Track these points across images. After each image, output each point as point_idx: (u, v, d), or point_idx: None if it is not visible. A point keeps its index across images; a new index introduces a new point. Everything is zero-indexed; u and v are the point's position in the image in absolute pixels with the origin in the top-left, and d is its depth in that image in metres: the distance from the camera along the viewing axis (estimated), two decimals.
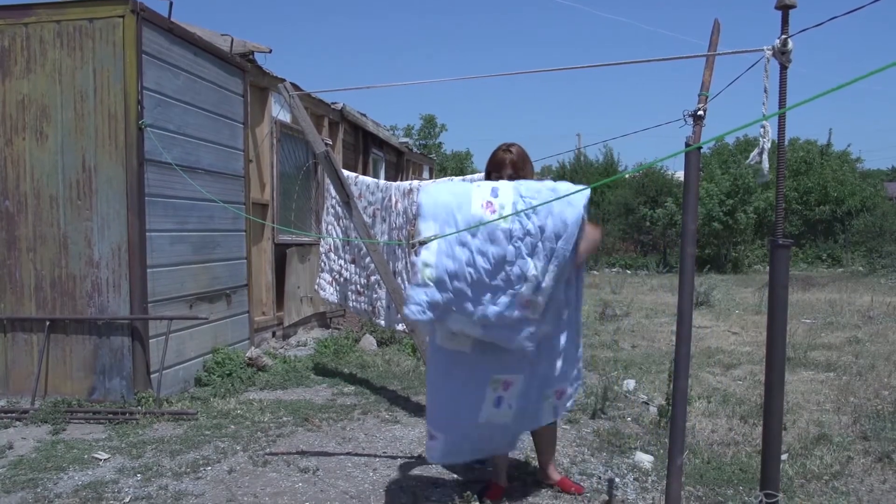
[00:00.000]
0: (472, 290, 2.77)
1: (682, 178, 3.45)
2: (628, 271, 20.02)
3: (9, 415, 4.73)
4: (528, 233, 2.78)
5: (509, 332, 2.85)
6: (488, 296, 2.78)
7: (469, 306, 2.78)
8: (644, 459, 3.84)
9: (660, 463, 3.77)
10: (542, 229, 2.79)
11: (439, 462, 3.39)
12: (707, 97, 2.65)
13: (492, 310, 2.78)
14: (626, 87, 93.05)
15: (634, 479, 3.61)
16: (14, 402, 5.03)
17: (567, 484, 3.43)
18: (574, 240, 2.84)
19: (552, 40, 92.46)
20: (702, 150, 2.61)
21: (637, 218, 22.77)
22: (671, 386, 2.84)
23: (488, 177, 3.27)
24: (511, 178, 3.16)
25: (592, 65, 2.85)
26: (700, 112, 2.60)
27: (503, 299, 2.79)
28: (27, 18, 5.04)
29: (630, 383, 5.67)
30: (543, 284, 2.81)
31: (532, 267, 2.78)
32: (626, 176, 23.88)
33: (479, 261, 2.76)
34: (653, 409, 4.85)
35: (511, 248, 2.77)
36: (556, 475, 3.47)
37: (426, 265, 2.77)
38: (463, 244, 2.77)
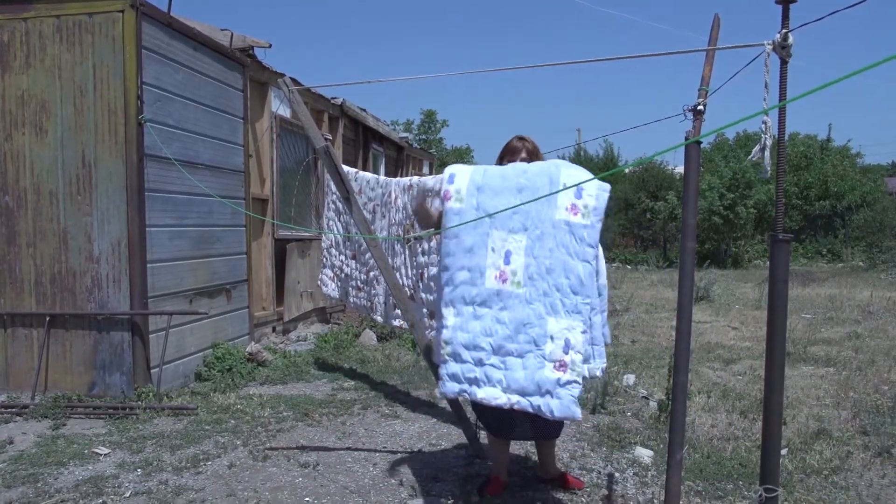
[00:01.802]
0: (493, 356, 2.76)
1: (682, 173, 3.46)
2: (628, 266, 20.03)
3: (9, 410, 4.74)
4: (544, 293, 2.76)
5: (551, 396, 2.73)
6: (515, 359, 2.75)
7: (495, 374, 2.76)
8: (644, 454, 3.85)
9: (659, 458, 3.78)
10: (557, 287, 2.75)
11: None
12: (707, 92, 2.64)
13: (521, 375, 2.73)
14: (626, 83, 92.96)
15: (634, 473, 3.62)
16: (14, 397, 5.04)
17: (567, 479, 3.44)
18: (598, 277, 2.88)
19: (553, 36, 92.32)
20: (702, 145, 2.60)
21: (637, 213, 22.76)
22: (671, 381, 2.84)
23: (500, 162, 3.32)
24: (525, 161, 3.23)
25: (593, 59, 2.84)
26: (700, 107, 2.59)
27: (532, 362, 2.73)
28: (26, 13, 5.03)
29: (630, 378, 5.68)
30: (573, 342, 2.71)
31: (553, 324, 2.73)
32: (626, 170, 23.85)
33: (497, 328, 2.77)
34: (652, 404, 4.86)
35: (529, 311, 2.76)
36: (556, 470, 3.47)
37: (446, 342, 2.82)
38: (477, 317, 2.79)
